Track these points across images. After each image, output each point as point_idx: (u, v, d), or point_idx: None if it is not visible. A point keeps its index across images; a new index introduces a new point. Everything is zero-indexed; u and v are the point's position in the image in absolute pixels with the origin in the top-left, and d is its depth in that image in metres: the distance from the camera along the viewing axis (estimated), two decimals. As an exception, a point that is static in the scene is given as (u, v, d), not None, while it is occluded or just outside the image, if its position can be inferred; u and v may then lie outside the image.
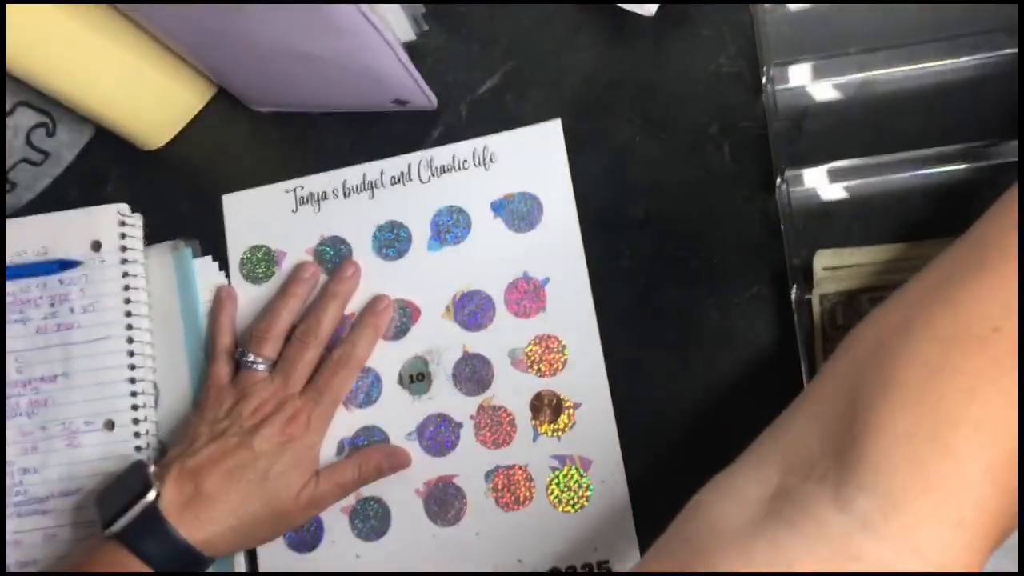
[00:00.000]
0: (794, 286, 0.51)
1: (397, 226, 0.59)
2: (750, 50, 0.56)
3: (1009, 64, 0.52)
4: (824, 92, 0.54)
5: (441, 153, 0.59)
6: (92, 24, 0.55)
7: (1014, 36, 0.52)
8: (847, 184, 0.53)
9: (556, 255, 0.56)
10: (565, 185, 0.57)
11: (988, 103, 0.52)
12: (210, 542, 0.51)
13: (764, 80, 0.54)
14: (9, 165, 0.63)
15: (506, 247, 0.57)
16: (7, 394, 0.58)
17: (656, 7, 0.57)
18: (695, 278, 0.55)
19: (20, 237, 0.60)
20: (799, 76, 0.54)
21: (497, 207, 0.58)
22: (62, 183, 0.65)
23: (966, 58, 0.53)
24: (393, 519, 0.56)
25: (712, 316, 0.54)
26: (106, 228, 0.59)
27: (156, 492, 0.51)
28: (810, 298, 0.51)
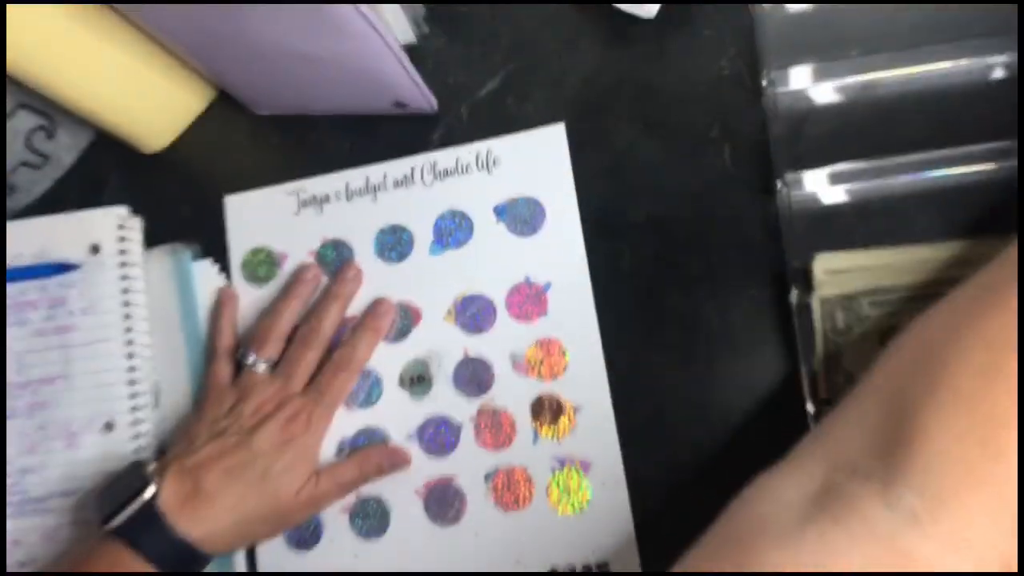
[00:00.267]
0: (794, 289, 0.51)
1: (399, 229, 0.59)
2: (751, 52, 0.56)
3: (1010, 66, 0.52)
4: (825, 95, 0.54)
5: (444, 156, 0.59)
6: (92, 26, 0.55)
7: (1014, 37, 0.52)
8: (848, 187, 0.53)
9: (558, 260, 0.56)
10: (568, 189, 0.57)
11: (989, 106, 0.52)
12: (209, 539, 0.51)
13: (765, 83, 0.54)
14: (9, 168, 0.63)
15: (508, 251, 0.57)
16: (7, 396, 0.58)
17: (657, 9, 0.57)
18: (695, 281, 0.54)
19: (19, 240, 0.60)
20: (800, 79, 0.54)
21: (500, 211, 0.58)
22: (62, 186, 0.65)
23: (967, 60, 0.53)
24: (392, 519, 0.56)
25: (712, 319, 0.54)
26: (105, 231, 0.59)
27: (154, 489, 0.50)
28: (810, 301, 0.51)
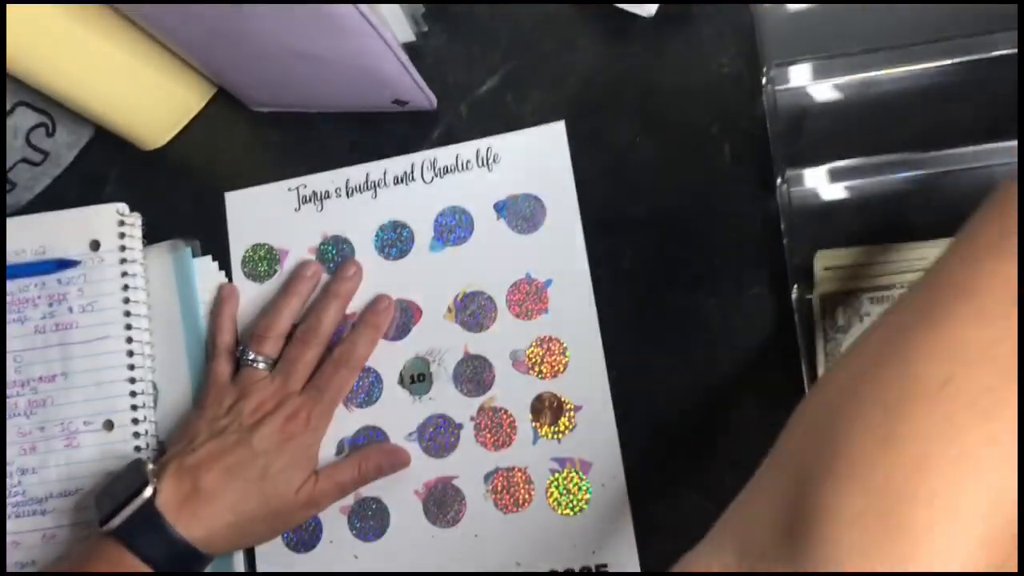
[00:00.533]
0: (795, 286, 0.51)
1: (399, 226, 0.59)
2: (750, 50, 0.56)
3: (1009, 64, 0.52)
4: (824, 92, 0.54)
5: (444, 153, 0.59)
6: (92, 24, 0.55)
7: (1014, 36, 0.52)
8: (848, 184, 0.53)
9: (559, 257, 0.56)
10: (568, 187, 0.57)
11: (988, 103, 0.52)
12: (208, 540, 0.51)
13: (764, 80, 0.54)
14: (8, 165, 0.63)
15: (508, 248, 0.57)
16: (6, 394, 0.58)
17: (656, 7, 0.57)
18: (696, 278, 0.54)
19: (18, 236, 0.59)
20: (799, 76, 0.54)
21: (500, 208, 0.58)
22: (62, 183, 0.65)
23: (966, 58, 0.53)
24: (392, 519, 0.56)
25: (713, 316, 0.54)
26: (105, 227, 0.59)
27: (153, 489, 0.50)
28: (811, 298, 0.51)
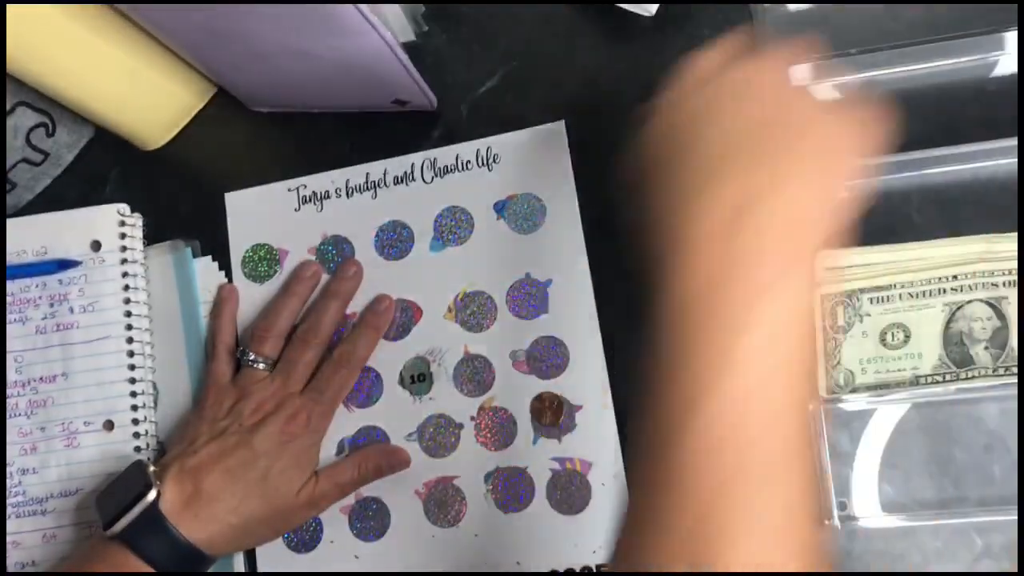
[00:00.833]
0: (795, 286, 0.51)
1: (399, 226, 0.59)
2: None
3: (1009, 64, 0.52)
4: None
5: (444, 153, 0.59)
6: (91, 24, 0.55)
7: (1014, 36, 0.52)
8: (847, 184, 0.53)
9: (559, 257, 0.56)
10: (569, 187, 0.57)
11: (989, 103, 0.52)
12: (211, 541, 0.51)
13: (765, 80, 0.54)
14: (9, 165, 0.63)
15: (509, 248, 0.57)
16: (7, 394, 0.58)
17: (656, 7, 0.57)
18: (696, 278, 0.54)
19: (20, 237, 0.60)
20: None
21: (500, 208, 0.58)
22: (62, 183, 0.65)
23: (967, 58, 0.53)
24: (392, 519, 0.56)
25: (712, 316, 0.54)
26: (106, 228, 0.59)
27: (157, 492, 0.50)
28: (811, 298, 0.51)
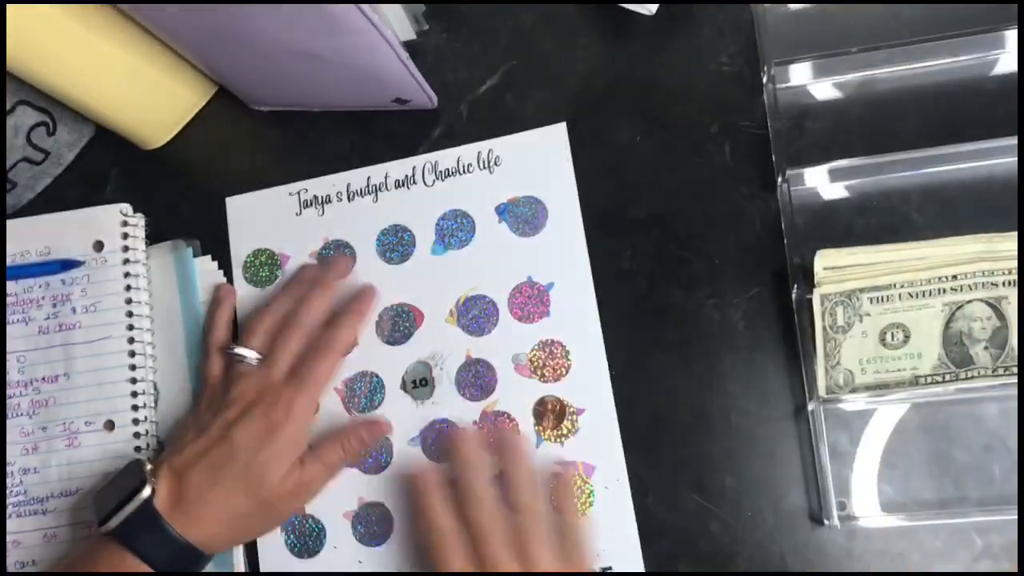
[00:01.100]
0: (795, 286, 0.51)
1: (401, 229, 0.59)
2: (751, 49, 0.56)
3: (1009, 63, 0.52)
4: (825, 91, 0.54)
5: (445, 156, 0.59)
6: (92, 23, 0.55)
7: (1014, 35, 0.52)
8: (848, 183, 0.53)
9: (561, 260, 0.56)
10: (570, 189, 0.57)
11: (988, 102, 0.52)
12: (205, 538, 0.50)
13: (765, 79, 0.54)
14: (9, 164, 0.63)
15: (510, 251, 0.57)
16: (8, 394, 0.58)
17: (657, 6, 0.56)
18: (696, 278, 0.54)
19: (24, 237, 0.60)
20: (800, 75, 0.54)
21: (502, 211, 0.58)
22: (62, 182, 0.65)
23: (966, 57, 0.53)
24: (395, 524, 0.56)
25: (713, 315, 0.54)
26: (108, 228, 0.59)
27: (151, 488, 0.50)
28: (811, 298, 0.51)
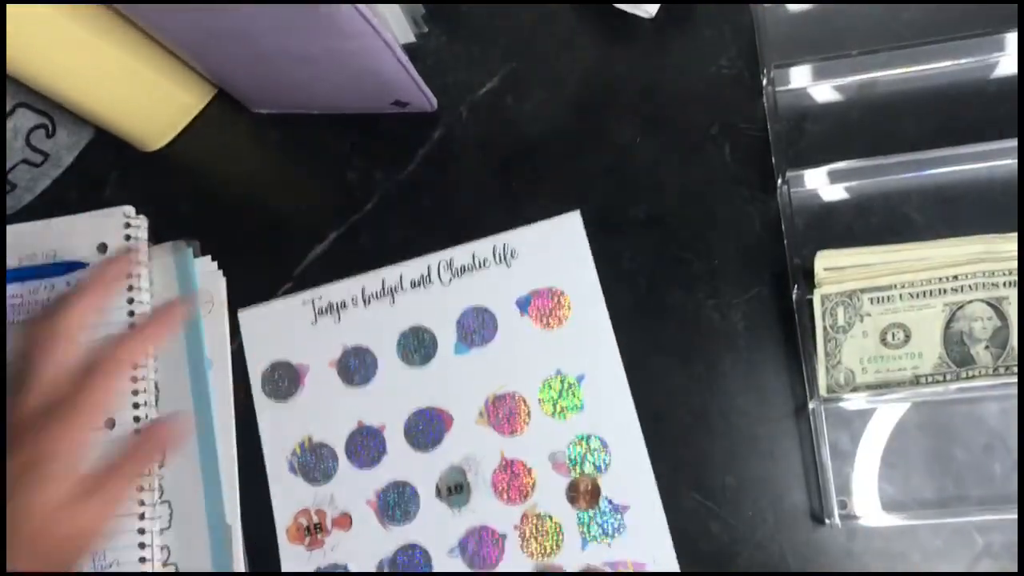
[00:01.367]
0: (795, 287, 0.51)
1: (421, 331, 0.57)
2: (751, 51, 0.56)
3: (1009, 65, 0.53)
4: (825, 93, 0.55)
5: (460, 252, 0.57)
6: (92, 25, 0.55)
7: (1014, 36, 0.52)
8: (848, 185, 0.53)
9: (588, 350, 0.55)
10: (591, 276, 0.55)
11: (988, 103, 0.53)
12: None
13: (765, 81, 0.54)
14: (9, 166, 0.63)
15: (536, 345, 0.56)
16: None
17: (656, 8, 0.57)
18: (696, 279, 0.55)
19: (30, 242, 0.60)
20: (800, 77, 0.55)
21: (523, 304, 0.56)
22: (62, 184, 0.65)
23: (966, 59, 0.53)
24: None
25: (713, 316, 0.54)
26: (112, 230, 0.59)
27: None
28: (811, 299, 0.51)
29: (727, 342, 0.53)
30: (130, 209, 0.60)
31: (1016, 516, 0.48)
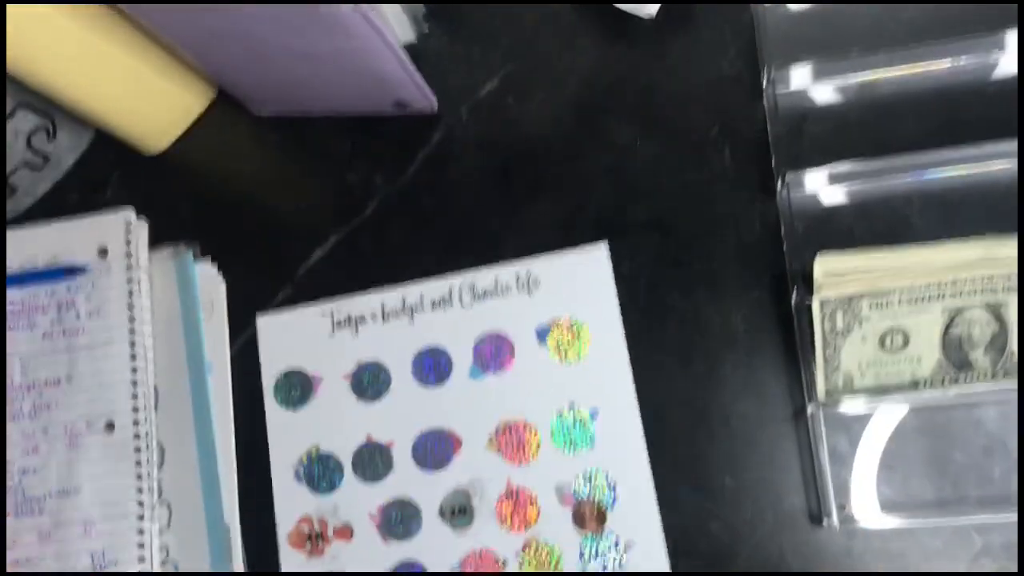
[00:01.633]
0: (795, 290, 0.51)
1: (438, 352, 0.57)
2: (751, 52, 0.56)
3: (1009, 65, 0.52)
4: (825, 94, 0.54)
5: (482, 276, 0.57)
6: (93, 26, 0.55)
7: (1014, 36, 0.52)
8: (848, 187, 0.53)
9: (604, 385, 0.54)
10: (613, 311, 0.55)
11: (989, 105, 0.52)
12: None
13: (765, 82, 0.54)
14: (9, 169, 0.63)
15: (551, 376, 0.55)
16: (11, 398, 0.58)
17: (656, 8, 0.57)
18: (695, 282, 0.55)
19: (31, 246, 0.60)
20: (800, 78, 0.54)
21: (542, 334, 0.56)
22: (63, 187, 0.65)
23: (967, 59, 0.53)
24: None
25: (712, 320, 0.54)
26: (113, 234, 0.59)
27: None
28: (811, 302, 0.51)
29: (726, 345, 0.53)
30: (131, 212, 0.60)
31: (1016, 516, 0.48)
